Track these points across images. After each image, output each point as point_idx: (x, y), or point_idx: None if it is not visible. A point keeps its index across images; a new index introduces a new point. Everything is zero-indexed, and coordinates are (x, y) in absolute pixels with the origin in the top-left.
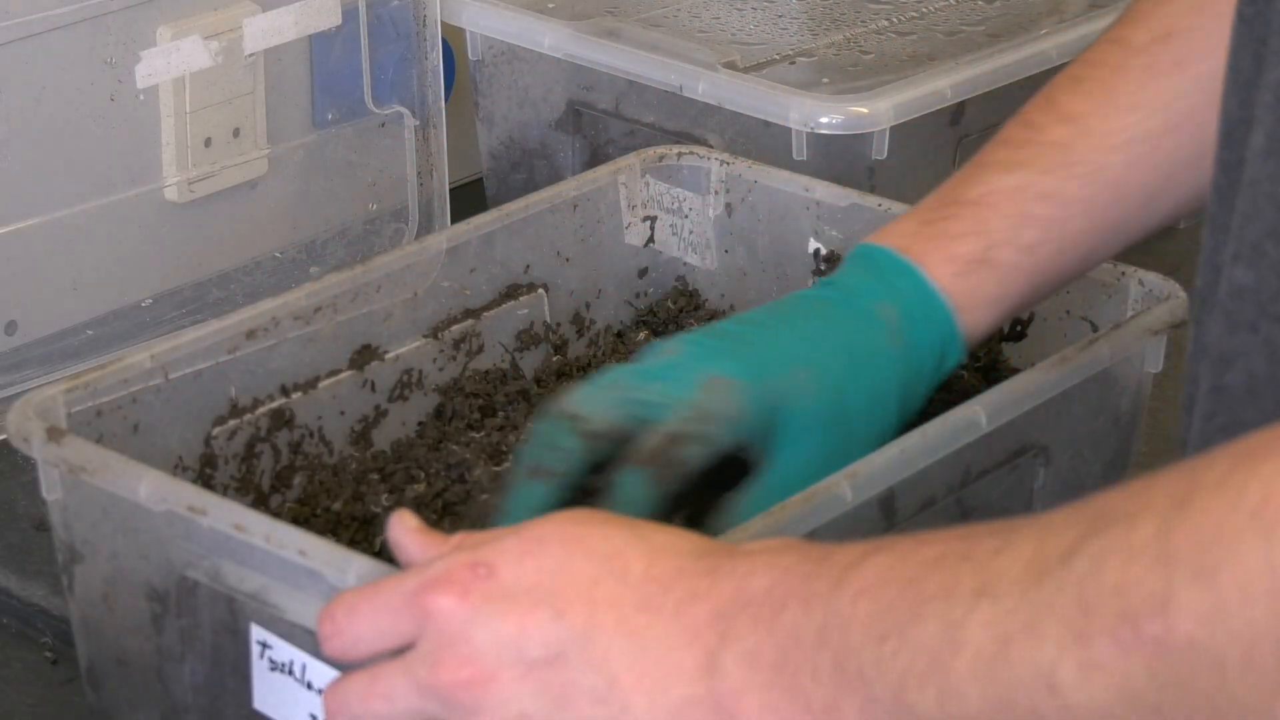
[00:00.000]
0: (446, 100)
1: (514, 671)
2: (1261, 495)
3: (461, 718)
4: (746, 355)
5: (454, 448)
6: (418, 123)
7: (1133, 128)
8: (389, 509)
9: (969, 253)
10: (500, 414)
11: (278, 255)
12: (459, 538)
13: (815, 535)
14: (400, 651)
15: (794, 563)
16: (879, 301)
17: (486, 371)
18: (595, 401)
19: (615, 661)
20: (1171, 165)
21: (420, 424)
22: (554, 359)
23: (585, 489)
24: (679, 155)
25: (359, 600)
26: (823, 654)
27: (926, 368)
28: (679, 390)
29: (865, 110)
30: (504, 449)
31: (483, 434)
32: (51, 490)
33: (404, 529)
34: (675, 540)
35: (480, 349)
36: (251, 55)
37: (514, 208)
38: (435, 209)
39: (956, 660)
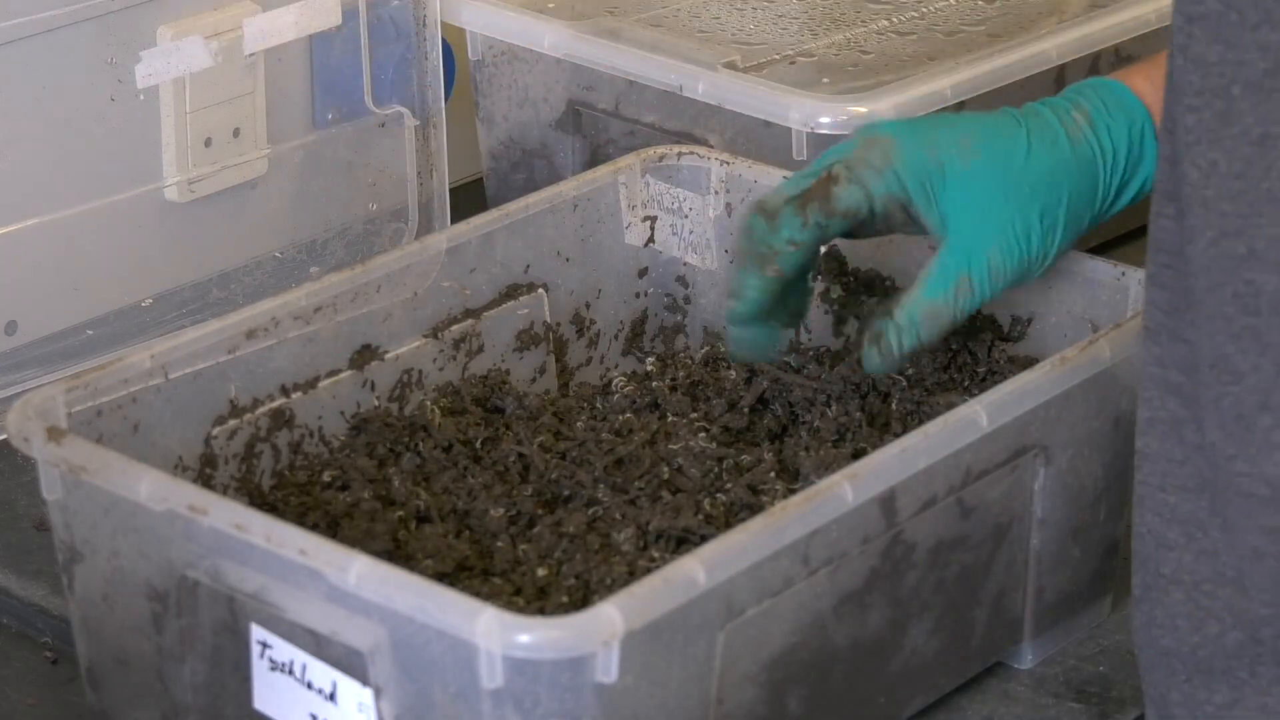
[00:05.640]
0: (446, 100)
1: None
2: None
3: None
4: (913, 123)
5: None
6: (418, 123)
7: None
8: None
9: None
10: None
11: (278, 255)
12: None
13: (816, 534)
14: None
15: None
16: (1070, 106)
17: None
18: (792, 180)
19: None
20: None
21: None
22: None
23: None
24: (679, 155)
25: None
26: None
27: (1119, 157)
28: (847, 147)
29: (865, 110)
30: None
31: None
32: (51, 490)
33: None
34: None
35: (480, 349)
36: (251, 55)
37: (514, 208)
38: (435, 209)
39: None
